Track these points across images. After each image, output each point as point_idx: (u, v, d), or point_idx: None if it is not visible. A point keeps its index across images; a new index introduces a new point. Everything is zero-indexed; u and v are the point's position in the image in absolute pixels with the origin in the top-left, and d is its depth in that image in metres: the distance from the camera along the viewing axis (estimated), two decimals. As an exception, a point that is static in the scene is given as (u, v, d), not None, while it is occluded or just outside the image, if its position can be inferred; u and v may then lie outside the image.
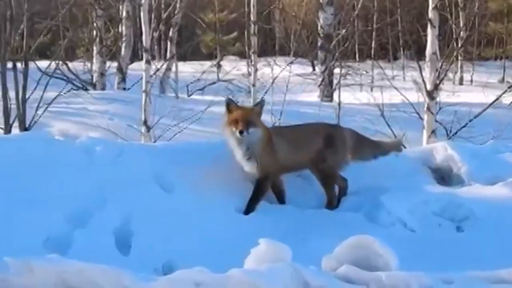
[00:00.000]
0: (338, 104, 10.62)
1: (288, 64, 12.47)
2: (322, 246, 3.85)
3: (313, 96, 16.79)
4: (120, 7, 16.21)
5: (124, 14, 15.77)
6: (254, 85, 10.07)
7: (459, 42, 13.70)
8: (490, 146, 6.01)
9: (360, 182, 5.27)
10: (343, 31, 15.59)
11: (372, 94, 12.37)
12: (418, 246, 4.46)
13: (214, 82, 17.66)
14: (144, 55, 9.24)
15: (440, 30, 9.62)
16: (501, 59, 24.54)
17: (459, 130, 10.04)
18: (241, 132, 4.77)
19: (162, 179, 4.77)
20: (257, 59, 10.48)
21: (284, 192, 5.11)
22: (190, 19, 23.60)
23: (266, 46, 26.26)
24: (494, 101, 10.59)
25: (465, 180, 5.43)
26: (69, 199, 4.33)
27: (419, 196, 5.01)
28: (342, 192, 5.24)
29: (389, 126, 9.73)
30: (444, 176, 5.58)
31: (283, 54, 25.25)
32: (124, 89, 15.52)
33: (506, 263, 3.45)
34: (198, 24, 24.47)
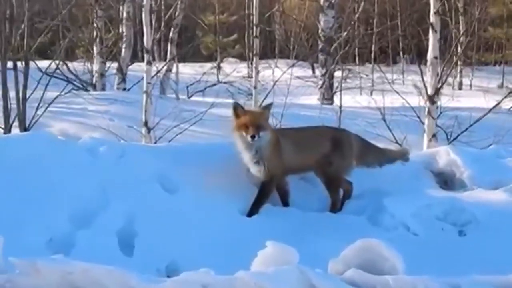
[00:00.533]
0: (339, 107, 10.62)
1: (290, 66, 12.46)
2: (325, 249, 3.86)
3: (313, 99, 16.80)
4: (120, 8, 16.20)
5: (124, 15, 15.76)
6: (255, 87, 10.06)
7: (459, 47, 13.71)
8: (492, 151, 6.02)
9: (363, 185, 5.27)
10: (344, 34, 15.60)
11: (372, 97, 12.38)
12: (421, 249, 4.45)
13: (215, 84, 17.67)
14: (145, 56, 9.25)
15: (440, 35, 9.63)
16: (500, 64, 24.57)
17: (460, 135, 10.05)
18: (252, 137, 4.74)
19: (165, 180, 4.76)
20: (258, 62, 10.47)
21: (288, 193, 5.10)
22: (191, 21, 23.61)
23: (266, 49, 26.26)
24: (495, 106, 10.60)
25: (467, 184, 5.43)
26: (72, 200, 4.33)
27: (422, 200, 5.00)
28: (347, 195, 5.24)
29: (390, 130, 9.74)
30: (446, 180, 5.58)
31: (283, 57, 25.28)
32: (124, 89, 15.52)
33: (508, 268, 3.46)
34: (198, 25, 24.49)
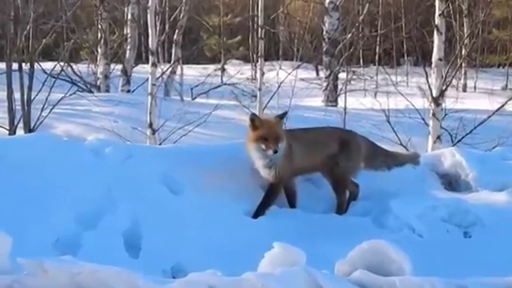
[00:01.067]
0: (344, 109, 10.64)
1: (294, 68, 12.48)
2: (331, 251, 3.87)
3: (317, 100, 16.82)
4: (125, 9, 16.24)
5: (129, 16, 15.79)
6: (260, 89, 10.08)
7: (464, 49, 13.71)
8: (497, 153, 6.02)
9: (368, 187, 5.27)
10: (349, 36, 15.61)
11: (377, 99, 12.40)
12: (426, 251, 4.44)
13: (219, 86, 17.70)
14: (150, 58, 9.27)
15: (445, 37, 9.63)
16: (504, 66, 24.55)
17: (465, 137, 10.06)
18: (275, 152, 4.73)
19: (170, 182, 4.77)
20: (263, 63, 10.49)
21: (296, 194, 5.11)
22: (195, 22, 23.66)
23: (270, 51, 26.28)
24: (500, 108, 10.60)
25: (472, 186, 5.43)
26: (78, 201, 4.34)
27: (427, 201, 5.01)
28: (352, 197, 5.25)
29: (394, 132, 9.76)
30: (451, 182, 5.58)
31: (287, 59, 25.28)
32: (128, 91, 15.56)
33: (513, 269, 3.45)
34: (203, 27, 24.53)
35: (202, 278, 2.67)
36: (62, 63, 12.37)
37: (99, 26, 16.43)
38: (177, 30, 16.54)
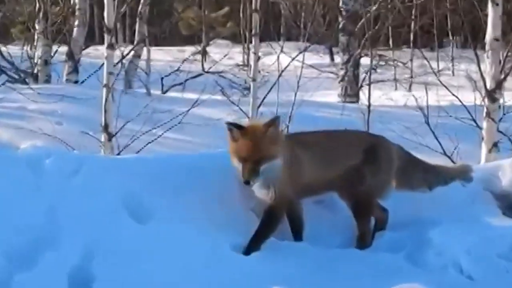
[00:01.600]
0: (367, 106, 10.64)
1: (300, 52, 12.48)
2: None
3: (332, 95, 16.83)
4: (72, -27, 16.27)
5: (77, -19, 15.82)
6: (254, 79, 10.05)
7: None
8: None
9: (400, 212, 5.30)
10: (374, 8, 15.65)
11: (411, 93, 12.42)
12: (478, 299, 4.49)
13: (199, 75, 17.69)
14: (105, 38, 9.25)
15: (503, 9, 9.64)
16: None
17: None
18: (247, 183, 4.77)
19: (134, 206, 4.77)
20: (258, 45, 10.48)
21: (303, 222, 5.13)
22: (167, -10, 23.71)
23: (268, 27, 26.33)
24: None
25: (541, 211, 5.47)
26: (9, 231, 4.33)
27: (479, 231, 5.04)
28: (379, 226, 5.27)
29: (435, 137, 9.77)
30: (512, 205, 5.62)
31: (291, 39, 25.32)
32: (76, 82, 15.53)
33: None
34: (177, -4, 24.57)
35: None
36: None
37: (37, -6, 16.44)
38: (142, 0, 16.55)
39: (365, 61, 16.52)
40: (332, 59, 23.66)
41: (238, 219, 4.97)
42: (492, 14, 9.08)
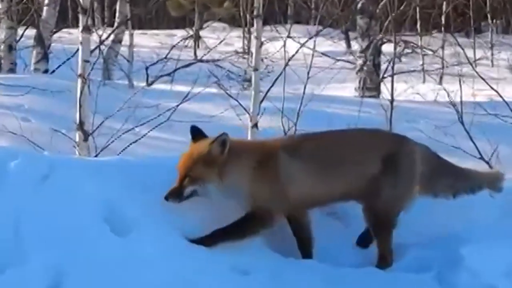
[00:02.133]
0: (390, 101, 10.67)
1: (311, 37, 12.50)
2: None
3: (348, 88, 16.86)
4: None
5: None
6: (256, 68, 10.04)
7: None
8: None
9: (429, 226, 5.32)
10: (398, -14, 15.68)
11: (442, 86, 12.43)
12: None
13: (191, 63, 17.71)
14: (80, 19, 9.27)
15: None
16: None
17: None
18: (166, 197, 4.94)
19: (113, 215, 4.80)
20: (261, 28, 10.49)
21: (310, 235, 5.18)
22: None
23: (272, 8, 26.34)
24: None
25: None
26: (-34, 245, 4.37)
27: (519, 250, 5.08)
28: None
29: (470, 138, 9.79)
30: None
31: (299, 21, 25.36)
32: (46, 71, 15.56)
33: None
34: (164, -29, 24.59)
35: None
36: None
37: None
38: (123, -25, 16.61)
39: (387, 48, 16.56)
40: (348, 46, 23.72)
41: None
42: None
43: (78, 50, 9.13)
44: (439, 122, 10.97)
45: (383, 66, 16.27)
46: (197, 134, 5.12)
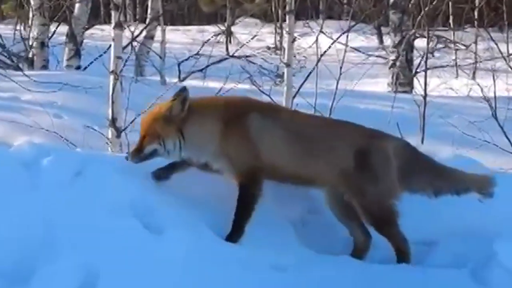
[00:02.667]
0: (423, 97, 10.60)
1: (343, 32, 12.44)
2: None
3: (380, 84, 16.81)
4: None
5: None
6: (288, 64, 10.04)
7: None
8: None
9: (461, 223, 5.32)
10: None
11: (476, 81, 12.35)
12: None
13: (223, 59, 17.71)
14: (112, 15, 9.28)
15: None
16: None
17: None
18: (126, 158, 5.09)
19: (146, 213, 4.79)
20: (294, 24, 10.46)
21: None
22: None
23: (305, 3, 26.30)
24: None
25: None
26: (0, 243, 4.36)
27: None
28: (357, 254, 5.35)
29: (505, 134, 9.72)
30: None
31: (332, 17, 25.29)
32: (78, 68, 15.61)
33: None
34: (196, -33, 24.61)
35: None
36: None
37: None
38: (155, -29, 16.63)
39: (420, 43, 16.47)
40: (381, 41, 23.63)
41: (280, 228, 5.11)
42: None
43: (110, 46, 9.12)
44: (473, 117, 10.88)
45: (416, 61, 16.23)
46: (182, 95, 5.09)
